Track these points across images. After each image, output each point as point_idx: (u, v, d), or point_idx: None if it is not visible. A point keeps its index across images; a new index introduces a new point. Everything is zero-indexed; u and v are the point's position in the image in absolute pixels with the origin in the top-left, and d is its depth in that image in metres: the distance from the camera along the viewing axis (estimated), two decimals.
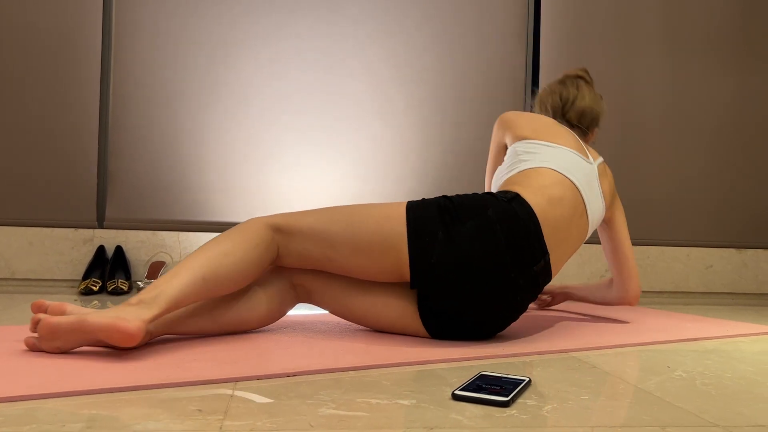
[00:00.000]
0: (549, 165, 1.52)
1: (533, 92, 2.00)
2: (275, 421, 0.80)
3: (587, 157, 1.62)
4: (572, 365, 1.21)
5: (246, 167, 2.52)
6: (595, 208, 1.58)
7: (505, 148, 1.74)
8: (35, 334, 1.12)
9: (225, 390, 0.94)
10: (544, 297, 2.07)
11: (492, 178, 1.81)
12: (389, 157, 2.62)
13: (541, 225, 1.38)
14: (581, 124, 1.81)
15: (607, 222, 1.74)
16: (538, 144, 1.58)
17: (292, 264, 1.39)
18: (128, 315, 1.07)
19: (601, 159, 1.70)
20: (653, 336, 1.57)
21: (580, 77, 1.87)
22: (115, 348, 1.13)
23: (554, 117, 1.82)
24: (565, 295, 2.01)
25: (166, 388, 0.94)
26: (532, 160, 1.55)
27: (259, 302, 1.38)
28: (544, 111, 1.85)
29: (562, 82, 1.86)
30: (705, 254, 2.78)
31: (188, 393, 0.92)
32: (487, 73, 2.69)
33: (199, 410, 0.83)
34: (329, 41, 2.59)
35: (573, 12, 2.74)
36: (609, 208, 1.70)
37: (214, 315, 1.32)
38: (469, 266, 1.29)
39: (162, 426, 0.76)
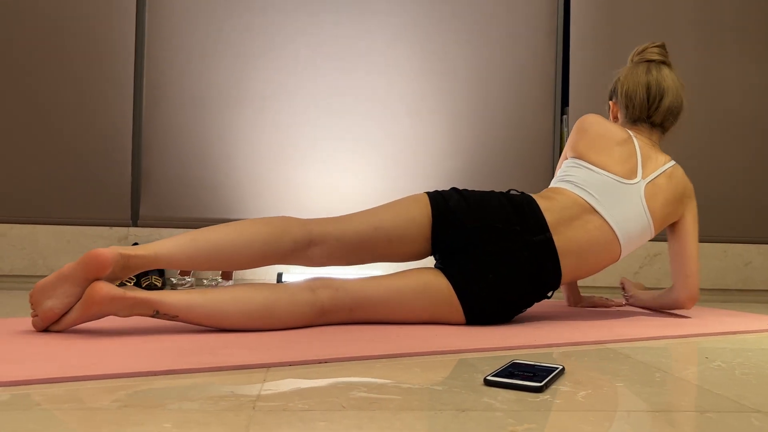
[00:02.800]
0: (574, 189, 1.62)
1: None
2: (307, 402, 0.80)
3: (633, 177, 1.64)
4: (607, 356, 1.20)
5: (277, 165, 2.55)
6: (632, 227, 1.61)
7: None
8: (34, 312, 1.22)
9: (258, 375, 0.95)
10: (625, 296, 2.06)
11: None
12: (419, 156, 2.61)
13: (542, 211, 1.54)
14: (663, 124, 1.80)
15: (675, 223, 1.74)
16: (581, 166, 1.67)
17: (327, 253, 1.42)
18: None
19: (662, 169, 1.68)
20: (690, 329, 1.54)
21: (663, 62, 1.80)
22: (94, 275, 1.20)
23: (636, 116, 1.79)
24: (634, 300, 1.99)
25: (199, 372, 0.95)
26: (565, 180, 1.66)
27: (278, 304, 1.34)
28: (629, 107, 1.79)
29: (647, 69, 1.78)
30: (743, 251, 2.71)
31: (222, 377, 0.93)
32: (517, 69, 2.67)
33: (233, 392, 0.84)
34: (358, 39, 2.60)
35: (603, 5, 2.70)
36: (669, 216, 1.69)
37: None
38: (479, 210, 1.50)
39: (196, 406, 0.77)
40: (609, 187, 1.61)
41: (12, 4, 2.42)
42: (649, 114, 1.77)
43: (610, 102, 1.88)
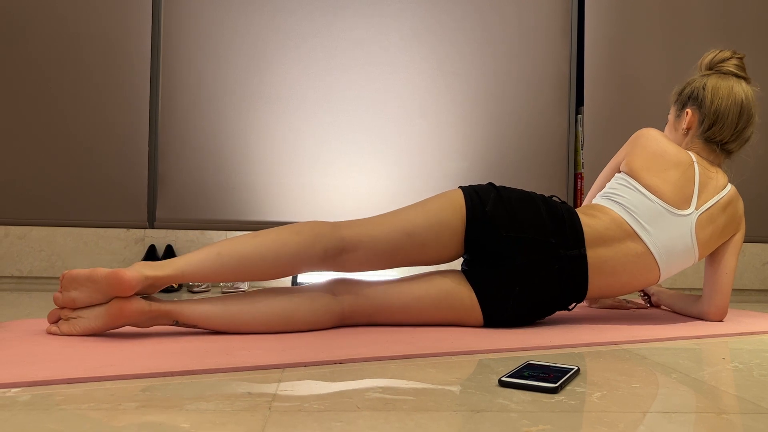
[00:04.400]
0: (620, 212, 1.55)
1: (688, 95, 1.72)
2: (323, 403, 0.81)
3: (685, 207, 1.57)
4: (622, 356, 1.19)
5: (291, 167, 2.56)
6: (675, 255, 1.56)
7: (619, 167, 1.70)
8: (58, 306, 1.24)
9: (273, 375, 0.95)
10: (644, 298, 2.04)
11: (593, 192, 1.81)
12: (433, 156, 2.61)
13: (582, 226, 1.49)
14: (732, 152, 1.71)
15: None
16: (632, 187, 1.59)
17: (359, 260, 1.39)
18: (131, 268, 1.21)
19: (718, 197, 1.62)
20: (707, 330, 1.52)
21: (746, 80, 1.69)
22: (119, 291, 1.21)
23: (714, 137, 1.67)
24: (658, 298, 1.98)
25: (216, 373, 0.96)
26: (613, 200, 1.59)
27: (297, 308, 1.35)
28: (715, 125, 1.65)
29: (738, 85, 1.66)
30: (761, 250, 2.68)
31: (238, 378, 0.94)
32: (531, 68, 2.66)
33: (249, 393, 0.85)
34: (371, 40, 2.61)
35: (617, 3, 2.68)
36: (716, 244, 1.64)
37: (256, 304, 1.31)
38: (516, 219, 1.44)
39: (213, 406, 0.78)
40: (658, 215, 1.55)
41: (29, 10, 2.45)
42: (731, 138, 1.67)
43: (688, 110, 1.70)
